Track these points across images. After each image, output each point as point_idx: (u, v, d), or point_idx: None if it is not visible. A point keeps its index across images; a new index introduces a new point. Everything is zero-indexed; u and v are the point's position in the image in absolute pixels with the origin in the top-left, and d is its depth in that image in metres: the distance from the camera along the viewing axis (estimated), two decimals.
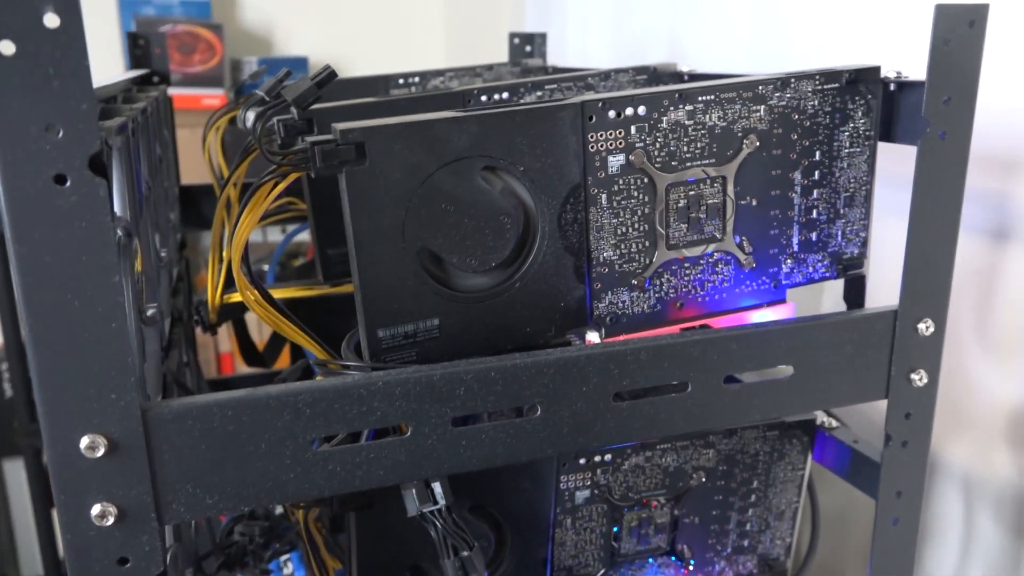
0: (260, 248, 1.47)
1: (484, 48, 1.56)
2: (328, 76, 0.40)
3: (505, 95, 0.59)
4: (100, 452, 0.33)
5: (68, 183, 0.30)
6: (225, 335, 1.62)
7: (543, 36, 0.94)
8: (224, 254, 0.58)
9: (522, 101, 0.58)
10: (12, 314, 1.37)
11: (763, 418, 0.44)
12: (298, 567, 0.76)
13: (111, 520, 0.34)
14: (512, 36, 0.93)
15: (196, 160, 0.99)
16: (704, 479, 0.53)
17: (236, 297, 0.63)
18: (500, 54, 0.99)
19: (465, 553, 0.43)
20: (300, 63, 1.64)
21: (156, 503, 0.34)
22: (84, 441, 0.33)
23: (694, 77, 0.65)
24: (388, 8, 1.78)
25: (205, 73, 1.59)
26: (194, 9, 1.64)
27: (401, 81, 0.78)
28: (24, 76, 0.29)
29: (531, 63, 0.89)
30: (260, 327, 1.34)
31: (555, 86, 0.61)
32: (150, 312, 0.45)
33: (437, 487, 0.42)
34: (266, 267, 0.96)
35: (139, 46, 0.80)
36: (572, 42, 1.17)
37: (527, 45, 0.93)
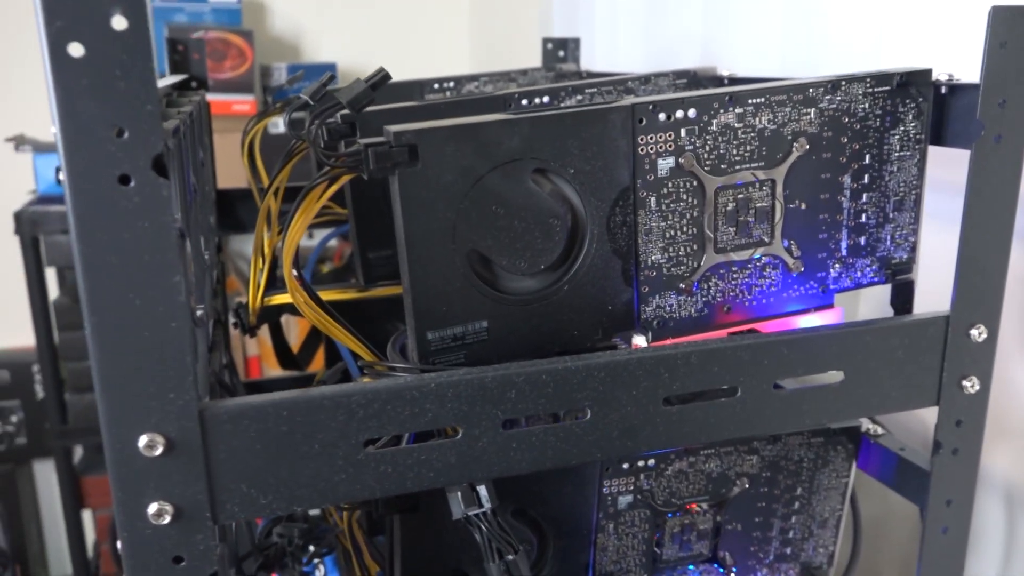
0: None
1: (510, 54, 1.56)
2: (382, 79, 0.40)
3: (545, 99, 0.59)
4: (158, 451, 0.33)
5: (132, 183, 0.30)
6: (254, 339, 1.63)
7: (576, 41, 0.94)
8: (265, 256, 0.58)
9: (563, 104, 0.58)
10: (45, 317, 1.38)
11: (813, 424, 0.44)
12: (331, 570, 0.76)
13: (167, 519, 0.34)
14: (546, 41, 0.93)
15: (227, 164, 1.00)
16: (747, 485, 0.52)
17: (275, 300, 0.64)
18: (527, 59, 0.99)
19: (510, 557, 0.43)
20: (329, 69, 1.65)
21: (211, 502, 0.35)
22: (143, 440, 0.33)
23: (734, 81, 0.65)
24: (415, 14, 1.79)
25: (236, 79, 1.60)
26: (225, 16, 1.65)
27: (436, 86, 0.78)
28: (92, 78, 0.29)
29: (565, 68, 0.89)
30: (290, 326, 1.34)
31: (595, 90, 0.61)
32: (199, 313, 0.45)
33: (482, 490, 0.42)
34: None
35: (178, 51, 0.81)
36: (600, 46, 1.16)
37: (560, 50, 0.93)
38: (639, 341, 0.44)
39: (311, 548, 0.63)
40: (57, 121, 0.29)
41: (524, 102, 0.58)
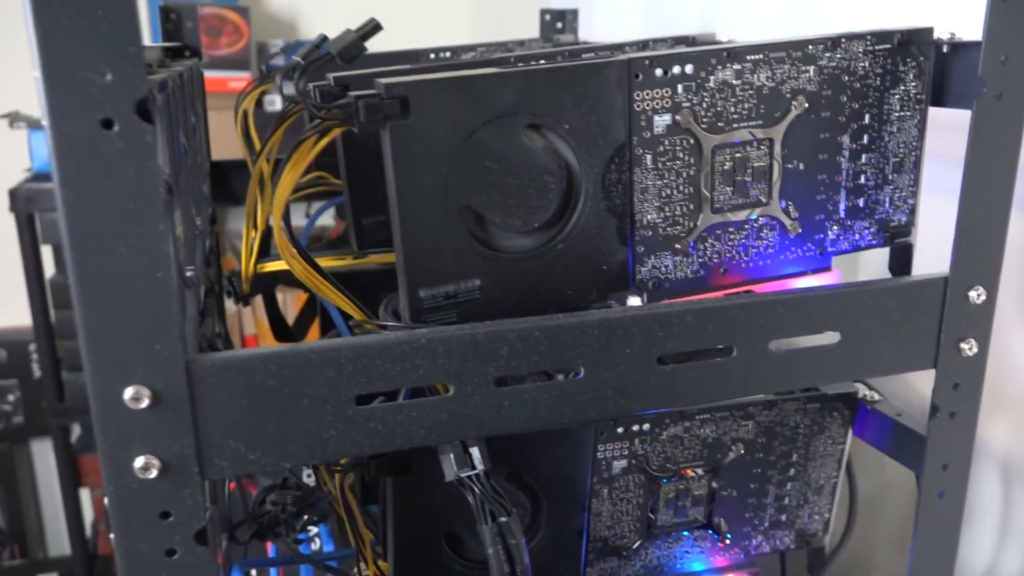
0: None
1: (511, 27, 1.55)
2: (372, 28, 0.39)
3: (541, 62, 0.58)
4: (144, 404, 0.33)
5: (116, 128, 0.30)
6: (250, 318, 1.63)
7: (574, 12, 0.93)
8: (259, 223, 0.57)
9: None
10: (41, 296, 1.38)
11: (808, 384, 0.43)
12: (327, 541, 0.76)
13: (154, 473, 0.33)
14: (543, 12, 0.92)
15: (222, 142, 0.99)
16: (743, 451, 0.52)
17: (269, 267, 0.63)
18: (528, 33, 0.98)
19: (503, 519, 0.42)
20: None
21: (199, 457, 0.34)
22: (128, 392, 0.32)
23: None
24: None
25: (232, 56, 1.59)
26: None
27: (433, 56, 0.78)
28: (72, 18, 0.28)
29: (563, 39, 0.89)
30: (288, 305, 1.33)
31: (592, 55, 0.60)
32: (189, 274, 0.45)
33: (475, 452, 0.42)
34: None
35: (171, 20, 0.80)
36: (599, 18, 1.15)
37: (558, 21, 0.92)
38: (634, 302, 0.43)
39: (305, 516, 0.63)
40: (38, 62, 0.29)
41: (519, 65, 0.57)
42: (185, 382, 0.33)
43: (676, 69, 0.41)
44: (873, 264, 0.66)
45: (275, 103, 1.44)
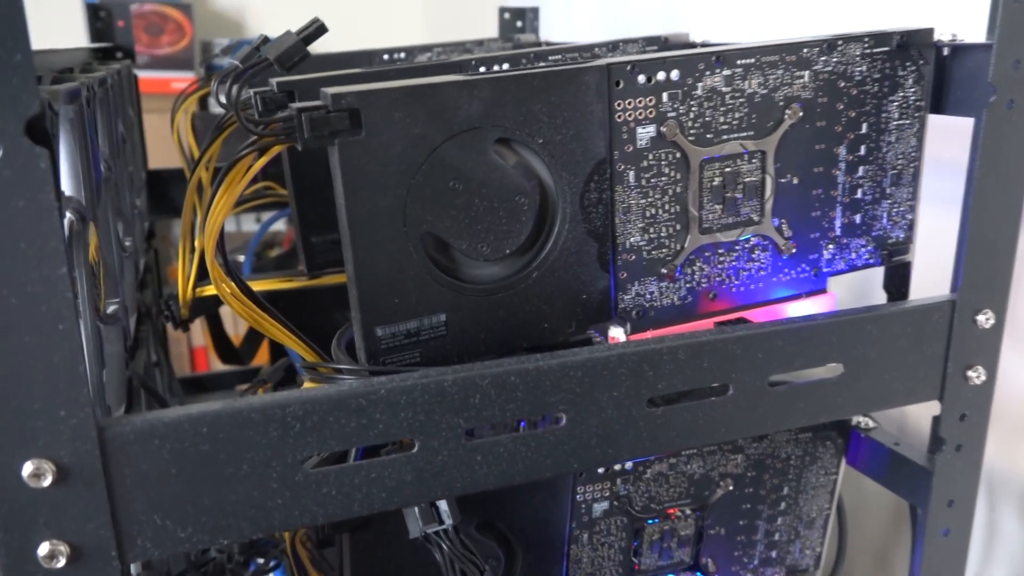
0: (234, 238, 1.40)
1: (467, 27, 1.50)
2: (316, 31, 0.34)
3: (505, 66, 0.54)
4: (47, 481, 0.27)
5: (0, 154, 0.24)
6: (199, 329, 1.55)
7: (535, 10, 0.88)
8: (196, 242, 0.52)
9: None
10: None
11: (810, 422, 0.40)
12: None
13: (62, 561, 0.28)
14: (502, 10, 0.88)
15: (164, 146, 0.92)
16: (732, 487, 0.48)
17: (210, 290, 0.57)
18: (485, 34, 0.93)
19: None
20: None
21: (117, 539, 0.29)
22: (27, 468, 0.27)
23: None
24: None
25: (174, 55, 1.51)
26: None
27: (386, 57, 0.72)
28: None
29: (523, 38, 0.84)
30: (236, 320, 1.27)
31: (559, 57, 0.56)
32: (111, 309, 0.39)
33: (443, 505, 0.38)
34: (242, 258, 0.90)
35: (100, 18, 0.73)
36: (557, 16, 1.11)
37: (518, 20, 0.88)
38: (617, 334, 0.39)
39: (257, 563, 0.58)
40: None
41: (482, 69, 0.53)
42: (98, 452, 0.28)
43: (661, 75, 0.37)
44: (844, 280, 0.63)
45: (223, 94, 1.37)
